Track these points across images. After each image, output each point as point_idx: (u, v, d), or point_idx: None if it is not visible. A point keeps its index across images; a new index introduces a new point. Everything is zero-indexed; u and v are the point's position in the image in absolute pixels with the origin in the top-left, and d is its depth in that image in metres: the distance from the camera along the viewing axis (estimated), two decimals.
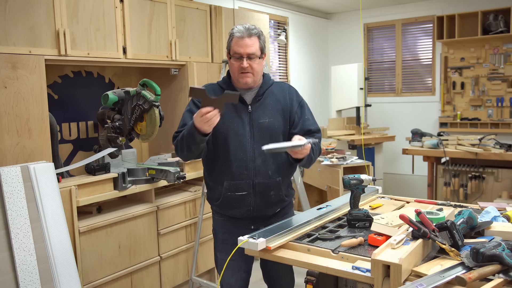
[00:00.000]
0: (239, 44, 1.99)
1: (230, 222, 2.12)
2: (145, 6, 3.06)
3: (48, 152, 2.46)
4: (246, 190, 2.03)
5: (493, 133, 4.62)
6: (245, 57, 1.98)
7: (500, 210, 1.98)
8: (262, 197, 2.05)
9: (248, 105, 2.06)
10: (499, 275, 1.34)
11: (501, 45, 5.31)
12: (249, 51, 1.98)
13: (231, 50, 2.02)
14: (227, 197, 2.05)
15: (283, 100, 2.12)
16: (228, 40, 2.06)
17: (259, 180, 2.03)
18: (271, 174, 2.05)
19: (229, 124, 2.02)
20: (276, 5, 5.48)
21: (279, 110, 2.09)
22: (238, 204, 2.05)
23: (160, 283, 3.05)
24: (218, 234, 2.17)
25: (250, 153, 2.02)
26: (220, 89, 2.08)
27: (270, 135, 2.04)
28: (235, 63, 2.01)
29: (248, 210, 2.06)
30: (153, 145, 3.64)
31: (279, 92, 2.13)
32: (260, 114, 2.05)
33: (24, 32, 2.38)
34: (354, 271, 1.49)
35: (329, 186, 4.08)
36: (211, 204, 2.18)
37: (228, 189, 2.04)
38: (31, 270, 2.08)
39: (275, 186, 2.07)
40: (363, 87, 5.52)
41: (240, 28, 2.01)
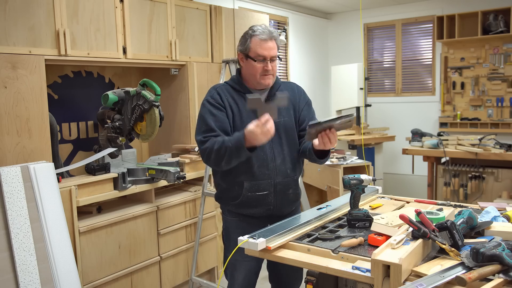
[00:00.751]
0: (263, 47, 1.99)
1: (246, 222, 2.10)
2: (145, 6, 3.06)
3: (48, 152, 2.46)
4: (267, 190, 2.05)
5: (493, 133, 4.62)
6: (268, 59, 2.00)
7: (500, 210, 1.98)
8: (282, 196, 2.09)
9: None
10: (499, 275, 1.34)
11: (501, 45, 5.31)
12: (272, 53, 2.01)
13: (253, 52, 2.00)
14: (247, 197, 2.04)
15: (293, 99, 2.15)
16: (246, 41, 2.02)
17: (279, 179, 2.07)
18: (289, 172, 2.09)
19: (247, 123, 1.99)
20: (276, 5, 5.48)
21: (291, 109, 2.13)
22: (258, 203, 2.06)
23: (160, 283, 3.05)
24: (232, 235, 2.12)
25: (270, 153, 2.05)
26: (233, 90, 2.08)
27: (286, 134, 2.09)
28: (257, 65, 2.00)
29: (268, 210, 2.08)
30: (153, 145, 3.64)
31: (288, 91, 2.16)
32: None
33: (24, 32, 2.38)
34: (354, 271, 1.49)
35: (329, 186, 4.08)
36: (226, 205, 2.14)
37: (248, 189, 2.03)
38: (31, 270, 2.08)
39: (293, 184, 2.12)
40: (363, 87, 5.52)
41: (263, 30, 2.01)
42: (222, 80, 3.32)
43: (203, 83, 3.47)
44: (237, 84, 2.09)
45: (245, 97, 1.98)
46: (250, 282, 2.14)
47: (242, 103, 2.06)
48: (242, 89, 2.08)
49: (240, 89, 2.08)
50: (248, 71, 2.05)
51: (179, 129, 3.47)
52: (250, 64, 2.03)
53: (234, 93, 2.08)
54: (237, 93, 2.08)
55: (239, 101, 2.06)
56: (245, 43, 2.04)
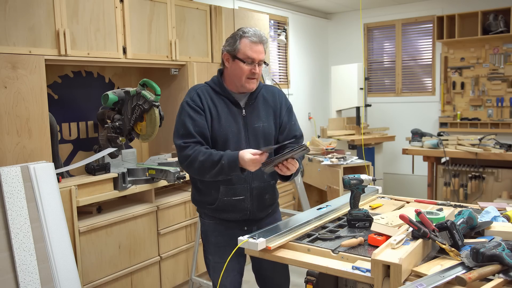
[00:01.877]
0: (253, 49, 1.95)
1: (223, 225, 2.07)
2: (145, 6, 3.06)
3: (48, 152, 2.46)
4: (243, 195, 2.01)
5: (493, 133, 4.62)
6: (256, 63, 1.97)
7: (500, 210, 1.98)
8: (258, 201, 2.05)
9: (242, 108, 2.04)
10: (499, 275, 1.34)
11: (501, 45, 5.31)
12: (261, 57, 1.98)
13: (242, 53, 1.96)
14: (223, 202, 2.01)
15: (273, 103, 2.11)
16: (236, 42, 1.98)
17: (256, 184, 2.03)
18: (266, 177, 2.06)
19: (227, 128, 1.99)
20: (276, 5, 5.48)
21: (271, 114, 2.09)
22: (234, 208, 2.03)
23: (160, 283, 3.05)
24: (210, 237, 2.10)
25: None
26: (213, 91, 2.03)
27: (264, 139, 2.05)
28: (245, 67, 1.96)
29: (245, 214, 2.05)
30: (153, 145, 3.64)
31: (269, 95, 2.12)
32: (254, 118, 2.04)
33: (24, 32, 2.38)
34: (354, 271, 1.49)
35: (329, 186, 4.08)
36: (202, 208, 2.12)
37: (224, 193, 2.00)
38: (31, 270, 2.08)
39: (270, 189, 2.09)
40: (363, 87, 5.52)
41: (254, 32, 1.97)
42: None
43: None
44: (218, 86, 2.04)
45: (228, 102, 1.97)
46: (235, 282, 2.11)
47: (221, 106, 2.01)
48: (223, 92, 2.03)
49: (220, 91, 2.03)
50: (234, 72, 1.99)
51: None
52: (237, 66, 1.98)
53: (214, 95, 2.02)
54: (216, 95, 2.03)
55: (219, 104, 2.01)
56: (234, 43, 1.98)
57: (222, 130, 1.97)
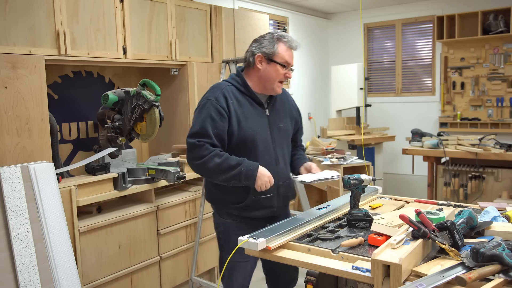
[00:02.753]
0: (289, 54, 2.04)
1: (246, 223, 2.08)
2: (145, 6, 3.06)
3: (48, 152, 2.46)
4: (272, 192, 2.07)
5: (493, 133, 4.62)
6: (289, 68, 2.05)
7: (500, 210, 1.98)
8: (284, 198, 2.14)
9: (265, 108, 2.10)
10: (499, 275, 1.34)
11: (501, 45, 5.31)
12: (293, 62, 2.08)
13: (280, 57, 2.01)
14: (252, 200, 2.05)
15: (288, 106, 2.22)
16: (273, 44, 2.01)
17: (282, 181, 2.11)
18: (289, 175, 2.17)
19: (254, 128, 2.02)
20: (276, 5, 5.48)
21: (287, 115, 2.19)
22: (262, 206, 2.07)
23: (160, 283, 3.05)
24: (231, 237, 2.06)
25: (274, 157, 2.08)
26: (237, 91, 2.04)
27: (286, 138, 2.15)
28: (281, 71, 2.02)
29: (271, 211, 2.10)
30: (153, 145, 3.64)
31: (284, 98, 2.22)
32: (277, 118, 2.12)
33: (24, 32, 2.38)
34: (354, 271, 1.49)
35: (329, 186, 4.08)
36: (225, 208, 2.11)
37: (254, 192, 2.02)
38: (31, 270, 2.08)
39: (292, 186, 2.18)
40: (363, 87, 5.52)
41: (291, 38, 2.05)
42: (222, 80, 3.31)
43: (203, 83, 3.47)
44: (242, 86, 2.06)
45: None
46: (247, 282, 2.17)
47: (247, 106, 2.03)
48: (247, 92, 2.05)
49: (245, 91, 2.05)
50: (268, 75, 2.03)
51: (179, 129, 3.47)
52: (273, 68, 2.01)
53: (239, 94, 2.04)
54: (241, 95, 2.05)
55: (244, 104, 2.03)
56: (271, 46, 2.01)
57: (249, 129, 2.00)
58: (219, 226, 2.18)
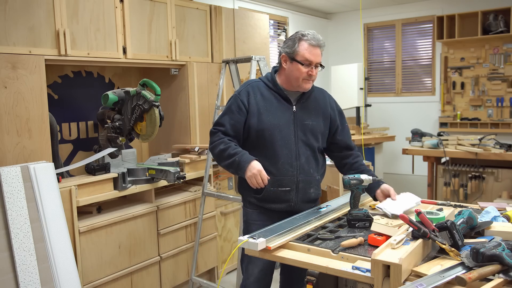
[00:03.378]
0: (312, 52, 2.05)
1: (266, 214, 2.15)
2: (145, 6, 3.06)
3: (48, 152, 2.46)
4: (290, 186, 2.10)
5: (493, 133, 4.62)
6: (313, 65, 2.06)
7: (500, 210, 1.98)
8: (304, 194, 2.14)
9: (293, 105, 2.14)
10: (499, 275, 1.34)
11: (501, 45, 5.31)
12: (318, 60, 2.08)
13: (300, 56, 2.05)
14: (270, 192, 2.10)
15: (323, 105, 2.23)
16: (295, 44, 2.07)
17: (302, 177, 2.12)
18: (312, 172, 2.16)
19: (275, 121, 2.09)
20: (276, 5, 5.48)
21: (320, 114, 2.20)
22: (279, 199, 2.11)
23: (160, 283, 3.05)
24: (252, 226, 2.16)
25: (294, 151, 2.10)
26: (265, 86, 2.14)
27: (313, 136, 2.16)
28: (303, 69, 2.05)
29: (289, 206, 2.13)
30: (153, 145, 3.64)
31: (320, 97, 2.24)
32: (304, 115, 2.15)
33: (24, 32, 2.38)
34: (354, 271, 1.49)
35: (329, 186, 4.08)
36: (248, 197, 2.20)
37: (271, 184, 2.08)
38: (31, 270, 2.08)
39: (315, 183, 2.18)
40: (363, 87, 5.52)
41: (313, 35, 2.07)
42: (222, 80, 3.31)
43: (203, 83, 3.47)
44: (271, 82, 2.16)
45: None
46: (266, 276, 2.18)
47: (272, 100, 2.12)
48: (274, 88, 2.14)
49: (272, 87, 2.15)
50: (292, 73, 2.09)
51: (179, 129, 3.47)
52: (295, 67, 2.07)
53: (265, 90, 2.14)
54: (268, 90, 2.15)
55: (269, 98, 2.13)
56: (293, 46, 2.07)
57: (269, 122, 2.08)
58: (244, 215, 2.27)
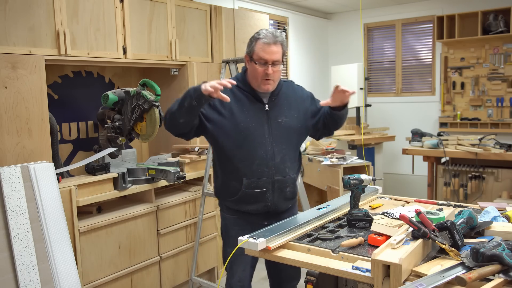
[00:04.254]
0: (265, 51, 2.01)
1: (243, 219, 2.15)
2: (145, 6, 3.06)
3: (48, 152, 2.46)
4: (266, 187, 2.08)
5: (493, 133, 4.62)
6: (270, 64, 2.02)
7: (500, 210, 1.98)
8: (280, 193, 2.12)
9: (265, 104, 2.12)
10: (499, 275, 1.34)
11: (501, 45, 5.31)
12: (274, 58, 2.03)
13: (256, 55, 2.03)
14: (245, 194, 2.08)
15: (294, 98, 2.20)
16: (252, 43, 2.06)
17: (278, 177, 2.10)
18: (288, 171, 2.13)
19: (248, 122, 2.06)
20: (276, 5, 5.48)
21: (293, 108, 2.17)
22: (255, 200, 2.10)
23: (160, 283, 3.05)
24: (231, 231, 2.18)
25: (270, 151, 2.08)
26: (236, 87, 2.10)
27: (287, 133, 2.13)
28: (259, 68, 2.03)
29: (265, 206, 2.11)
30: (153, 145, 3.64)
31: (289, 90, 2.21)
32: (277, 113, 2.12)
33: (24, 32, 2.38)
34: (354, 271, 1.49)
35: (329, 186, 4.08)
36: (224, 201, 2.19)
37: (247, 185, 2.07)
38: (31, 270, 2.08)
39: (291, 182, 2.16)
40: (363, 87, 5.52)
41: (267, 33, 2.03)
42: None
43: None
44: (241, 82, 2.13)
45: (251, 98, 2.08)
46: (247, 274, 2.20)
47: (244, 100, 2.09)
48: (245, 87, 2.11)
49: (243, 87, 2.12)
50: (252, 73, 2.08)
51: None
52: (253, 67, 2.06)
53: (237, 90, 2.11)
54: (239, 91, 2.12)
55: (241, 98, 2.10)
56: (250, 45, 2.08)
57: (243, 123, 2.05)
58: (222, 220, 2.27)
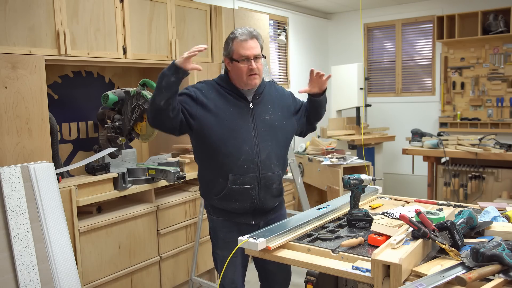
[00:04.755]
0: (244, 47, 2.04)
1: (230, 221, 2.14)
2: (145, 6, 3.06)
3: (48, 152, 2.46)
4: (252, 184, 2.07)
5: (493, 133, 4.62)
6: (252, 59, 2.05)
7: (500, 210, 1.98)
8: (266, 190, 2.12)
9: (249, 102, 2.13)
10: (499, 275, 1.34)
11: (501, 45, 5.31)
12: (255, 52, 2.06)
13: (236, 53, 2.05)
14: (231, 190, 2.07)
15: (276, 97, 2.23)
16: (229, 45, 2.08)
17: (264, 173, 2.09)
18: (274, 167, 2.13)
19: (234, 119, 2.07)
20: (276, 5, 5.48)
21: (276, 107, 2.20)
22: (241, 197, 2.08)
23: (160, 283, 3.05)
24: (219, 233, 2.18)
25: (255, 148, 2.08)
26: (219, 86, 2.12)
27: (272, 130, 2.14)
28: (243, 65, 2.05)
29: (252, 203, 2.10)
30: (153, 145, 3.64)
31: (271, 90, 2.25)
32: (261, 111, 2.14)
33: (24, 32, 2.38)
34: (354, 271, 1.49)
35: (329, 186, 4.08)
36: (209, 200, 2.17)
37: (233, 182, 2.05)
38: (31, 270, 2.08)
39: (277, 179, 2.16)
40: (363, 87, 5.52)
41: (242, 31, 2.06)
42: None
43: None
44: (224, 82, 2.14)
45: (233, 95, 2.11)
46: (239, 274, 2.19)
47: (228, 100, 2.10)
48: (229, 87, 2.12)
49: (226, 87, 2.13)
50: (236, 73, 2.08)
51: None
52: (235, 66, 2.07)
53: (221, 90, 2.12)
54: (223, 90, 2.12)
55: (225, 98, 2.10)
56: (227, 47, 2.09)
57: (228, 120, 2.06)
58: (209, 222, 2.26)
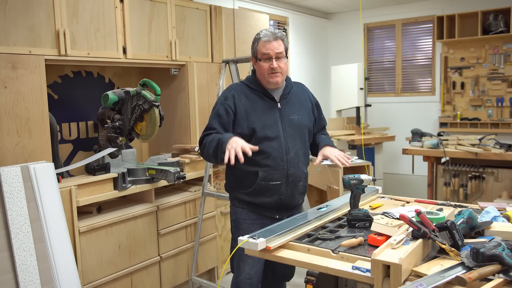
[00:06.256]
0: (267, 47, 2.15)
1: (256, 212, 2.22)
2: (145, 6, 3.06)
3: (48, 152, 2.46)
4: (280, 180, 2.17)
5: (493, 133, 4.62)
6: (273, 58, 2.14)
7: (500, 210, 1.98)
8: (293, 187, 2.21)
9: (277, 102, 2.22)
10: (499, 275, 1.34)
11: (501, 45, 5.31)
12: (277, 51, 2.14)
13: (259, 53, 2.17)
14: (261, 186, 2.16)
15: (304, 99, 2.34)
16: (254, 45, 2.20)
17: (292, 171, 2.18)
18: (301, 165, 2.23)
19: (263, 118, 2.16)
20: (276, 5, 5.48)
21: (303, 108, 2.29)
22: (270, 193, 2.17)
23: (160, 283, 3.05)
24: (242, 225, 2.24)
25: (284, 145, 2.17)
26: (248, 88, 2.23)
27: (300, 130, 2.24)
28: (264, 64, 2.15)
29: (279, 199, 2.18)
30: (153, 145, 3.64)
31: (300, 91, 2.35)
32: (289, 111, 2.23)
33: (24, 32, 2.38)
34: (354, 271, 1.49)
35: (329, 186, 4.08)
36: (237, 194, 2.25)
37: (263, 178, 2.15)
38: (31, 270, 2.08)
39: (303, 176, 2.26)
40: (363, 87, 5.52)
41: (266, 32, 2.18)
42: (222, 80, 3.31)
43: (203, 83, 3.47)
44: (253, 84, 2.24)
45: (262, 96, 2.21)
46: (256, 270, 2.21)
47: (257, 101, 2.20)
48: (258, 88, 2.23)
49: (255, 88, 2.23)
50: (259, 72, 2.20)
51: (179, 129, 3.47)
52: (259, 65, 2.18)
53: (249, 92, 2.22)
54: (252, 92, 2.22)
55: (254, 99, 2.20)
56: (253, 47, 2.21)
57: (258, 120, 2.16)
58: (232, 214, 2.32)
